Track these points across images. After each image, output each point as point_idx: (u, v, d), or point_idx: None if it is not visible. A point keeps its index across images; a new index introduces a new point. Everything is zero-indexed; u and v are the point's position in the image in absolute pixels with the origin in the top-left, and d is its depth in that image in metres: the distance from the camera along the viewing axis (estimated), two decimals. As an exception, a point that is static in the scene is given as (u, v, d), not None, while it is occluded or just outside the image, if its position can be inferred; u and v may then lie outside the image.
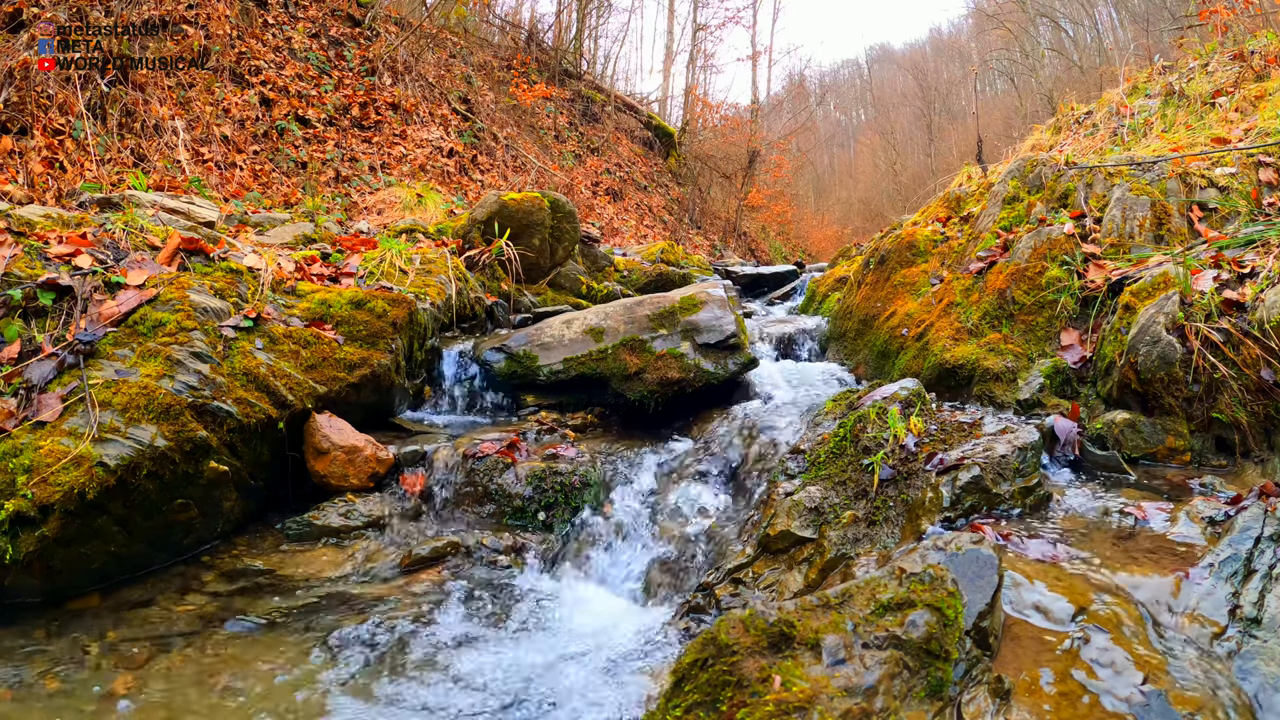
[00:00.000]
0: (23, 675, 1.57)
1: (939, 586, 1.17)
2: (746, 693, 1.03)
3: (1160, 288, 2.29)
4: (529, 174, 10.05)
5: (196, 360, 2.09)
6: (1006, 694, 1.12)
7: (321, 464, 2.26)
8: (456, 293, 3.36)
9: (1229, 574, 1.36)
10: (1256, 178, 2.82)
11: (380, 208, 6.07)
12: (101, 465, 1.77)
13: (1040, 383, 2.46)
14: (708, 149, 17.68)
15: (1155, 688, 1.13)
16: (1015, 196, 3.31)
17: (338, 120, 7.64)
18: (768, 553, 1.91)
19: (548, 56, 14.03)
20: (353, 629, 1.81)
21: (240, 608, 1.87)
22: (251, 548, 2.09)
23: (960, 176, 8.46)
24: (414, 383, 2.91)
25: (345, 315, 2.61)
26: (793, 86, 24.92)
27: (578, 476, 2.33)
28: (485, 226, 4.14)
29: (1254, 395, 1.98)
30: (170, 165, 5.35)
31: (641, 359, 2.93)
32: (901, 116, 31.12)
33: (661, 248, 6.72)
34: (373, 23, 9.16)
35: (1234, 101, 4.67)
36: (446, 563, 2.10)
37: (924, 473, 1.87)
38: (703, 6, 19.20)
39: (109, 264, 2.32)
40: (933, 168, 22.59)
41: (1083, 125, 6.83)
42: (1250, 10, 6.14)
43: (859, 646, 1.10)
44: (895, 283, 3.53)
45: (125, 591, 1.87)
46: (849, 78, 41.27)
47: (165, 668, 1.63)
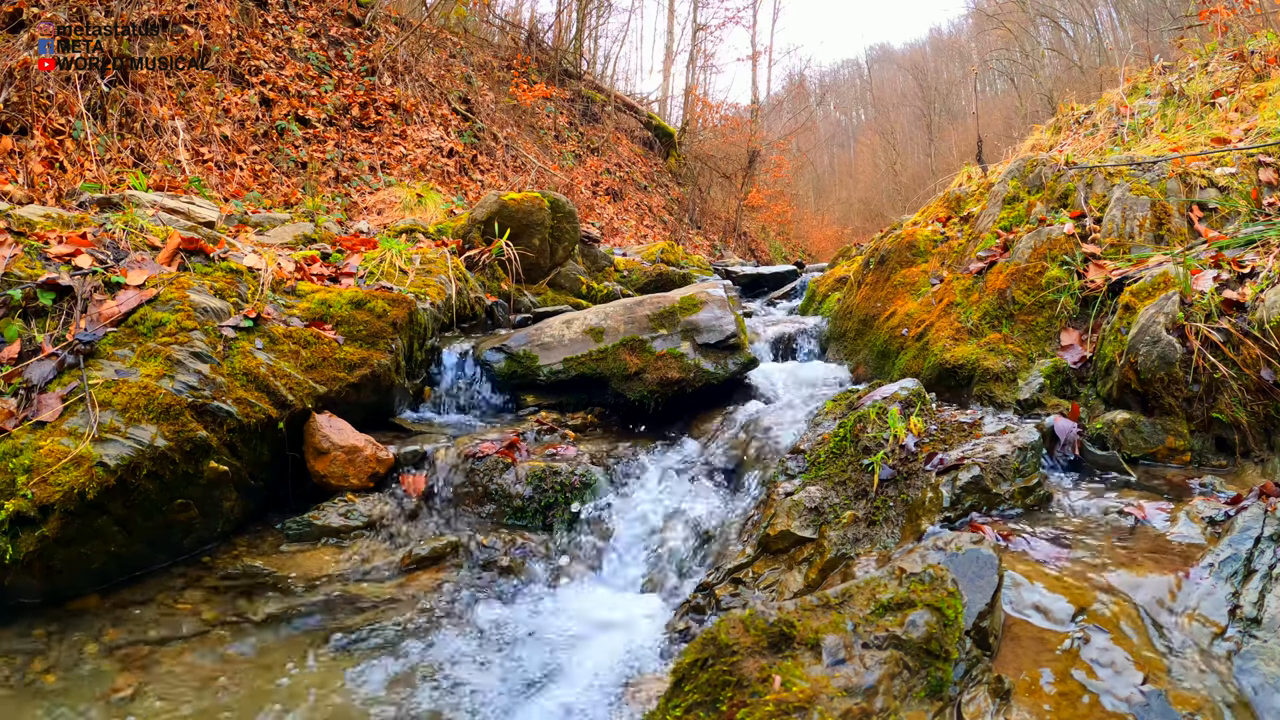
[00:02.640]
0: (23, 675, 1.57)
1: (939, 586, 1.17)
2: (746, 693, 1.03)
3: (1160, 288, 2.29)
4: (529, 174, 10.05)
5: (196, 360, 2.09)
6: (1006, 694, 1.12)
7: (321, 464, 2.26)
8: (456, 293, 3.36)
9: (1229, 574, 1.36)
10: (1256, 178, 2.82)
11: (380, 208, 6.07)
12: (101, 465, 1.77)
13: (1040, 383, 2.46)
14: (708, 149, 17.68)
15: (1155, 688, 1.13)
16: (1015, 196, 3.31)
17: (338, 120, 7.64)
18: (768, 553, 1.91)
19: (548, 56, 14.03)
20: (353, 629, 1.81)
21: (240, 608, 1.87)
22: (251, 548, 2.08)
23: (960, 176, 8.46)
24: (414, 383, 2.90)
25: (345, 315, 2.61)
26: (793, 86, 24.93)
27: (577, 476, 2.33)
28: (485, 226, 4.14)
29: (1254, 395, 1.98)
30: (170, 165, 5.35)
31: (641, 359, 2.93)
32: (901, 116, 31.12)
33: (661, 248, 6.72)
34: (373, 23, 9.16)
35: (1234, 101, 4.67)
36: (446, 563, 2.10)
37: (924, 473, 1.87)
38: (703, 6, 19.22)
39: (109, 264, 2.32)
40: (933, 168, 22.60)
41: (1083, 125, 6.83)
42: (1250, 10, 6.14)
43: (859, 646, 1.10)
44: (895, 283, 3.53)
45: (125, 591, 1.87)
46: (849, 78, 41.28)
47: (165, 668, 1.63)
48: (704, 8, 19.27)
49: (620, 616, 1.94)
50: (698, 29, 18.98)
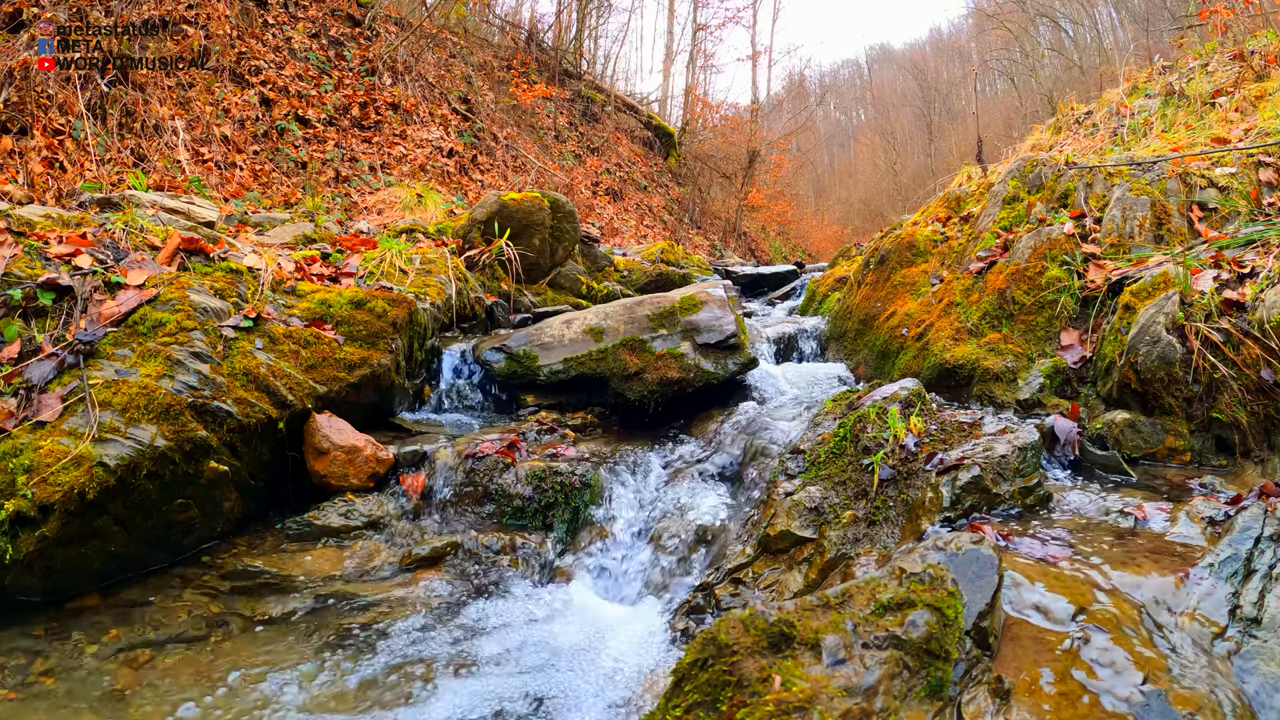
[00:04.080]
0: (23, 675, 1.57)
1: (939, 586, 1.17)
2: (746, 693, 1.03)
3: (1160, 288, 2.29)
4: (529, 174, 10.05)
5: (196, 360, 2.09)
6: (1006, 694, 1.12)
7: (321, 464, 2.26)
8: (456, 293, 3.36)
9: (1229, 574, 1.36)
10: (1256, 178, 2.82)
11: (380, 208, 6.07)
12: (101, 465, 1.77)
13: (1040, 383, 2.46)
14: (708, 149, 17.68)
15: (1155, 688, 1.13)
16: (1015, 196, 3.31)
17: (338, 120, 7.64)
18: (768, 553, 1.91)
19: (548, 56, 14.03)
20: (353, 629, 1.81)
21: (240, 607, 1.87)
22: (251, 548, 2.08)
23: (960, 176, 8.46)
24: (414, 383, 2.90)
25: (345, 315, 2.61)
26: (793, 86, 24.93)
27: (577, 476, 2.33)
28: (485, 226, 4.14)
29: (1254, 395, 1.98)
30: (170, 165, 5.35)
31: (641, 359, 2.93)
32: (901, 116, 31.12)
33: (661, 248, 6.72)
34: (373, 23, 9.16)
35: (1234, 101, 4.67)
36: (446, 563, 2.10)
37: (924, 473, 1.87)
38: (703, 6, 19.22)
39: (109, 264, 2.32)
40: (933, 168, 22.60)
41: (1083, 125, 6.83)
42: (1250, 10, 6.14)
43: (859, 646, 1.10)
44: (895, 283, 3.53)
45: (125, 591, 1.87)
46: (849, 78, 41.30)
47: (165, 667, 1.63)
48: (704, 8, 19.29)
49: (620, 616, 1.94)
50: (698, 29, 18.98)
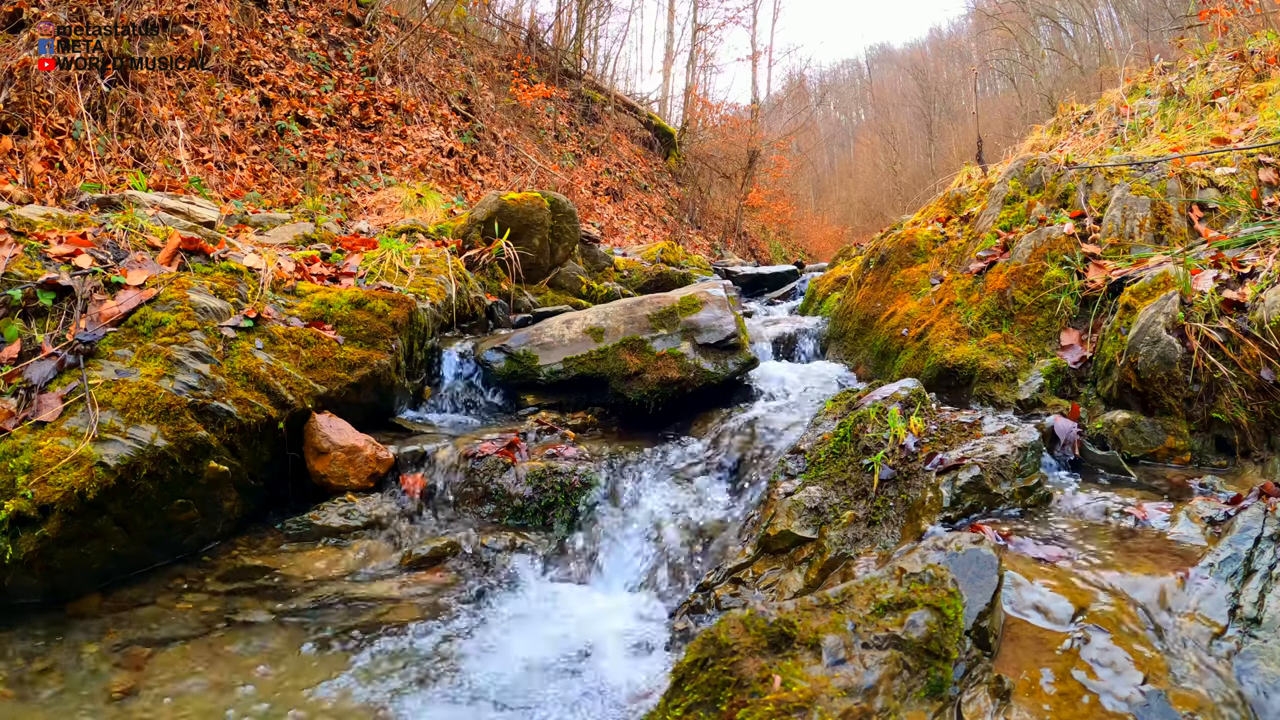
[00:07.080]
0: (23, 675, 1.57)
1: (939, 586, 1.17)
2: (746, 693, 1.03)
3: (1160, 288, 2.29)
4: (529, 174, 10.04)
5: (196, 360, 2.09)
6: (1006, 694, 1.12)
7: (321, 464, 2.26)
8: (456, 293, 3.36)
9: (1229, 574, 1.36)
10: (1256, 178, 2.82)
11: (380, 208, 6.07)
12: (101, 465, 1.77)
13: (1040, 383, 2.46)
14: (708, 149, 17.68)
15: (1155, 688, 1.13)
16: (1015, 196, 3.31)
17: (338, 120, 7.63)
18: (768, 553, 1.91)
19: (548, 56, 14.03)
20: (353, 628, 1.81)
21: (240, 607, 1.87)
22: (251, 548, 2.09)
23: (960, 176, 8.45)
24: (414, 383, 2.91)
25: (345, 315, 2.61)
26: (793, 86, 24.93)
27: (577, 476, 2.33)
28: (485, 226, 4.14)
29: (1254, 395, 1.98)
30: (170, 165, 5.35)
31: (641, 359, 2.93)
32: (901, 116, 31.12)
33: (661, 248, 6.72)
34: (373, 23, 9.16)
35: (1234, 101, 4.67)
36: (446, 563, 2.10)
37: (924, 473, 1.87)
38: (703, 6, 19.20)
39: (109, 264, 2.32)
40: (933, 168, 22.60)
41: (1083, 125, 6.83)
42: (1250, 10, 6.14)
43: (859, 646, 1.10)
44: (895, 283, 3.53)
45: (125, 591, 1.87)
46: (849, 78, 41.29)
47: (165, 667, 1.63)
48: (704, 8, 19.27)
49: (619, 616, 1.94)
50: (698, 29, 18.97)
